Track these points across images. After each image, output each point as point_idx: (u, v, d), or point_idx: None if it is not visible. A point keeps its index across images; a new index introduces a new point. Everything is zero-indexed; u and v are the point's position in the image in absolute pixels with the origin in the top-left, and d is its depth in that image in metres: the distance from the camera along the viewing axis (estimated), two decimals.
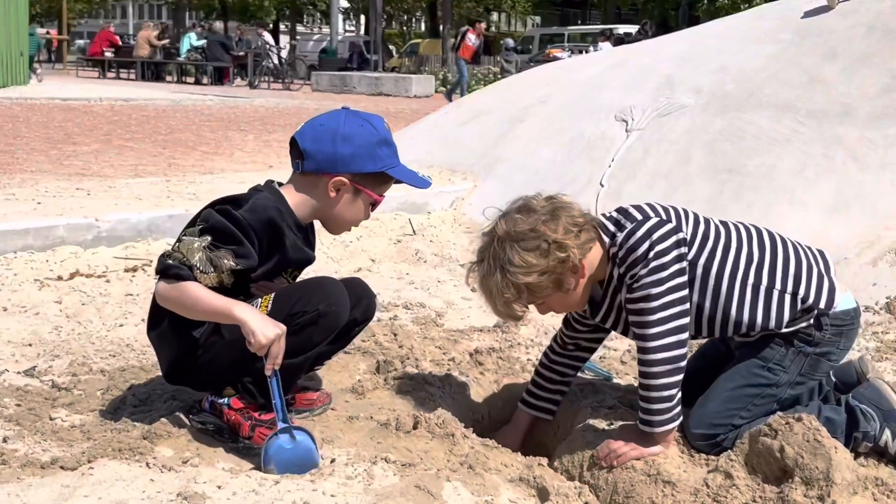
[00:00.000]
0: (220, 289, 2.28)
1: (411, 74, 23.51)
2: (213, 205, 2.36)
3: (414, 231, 5.40)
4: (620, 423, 2.55)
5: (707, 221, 2.48)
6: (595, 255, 2.41)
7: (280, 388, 2.28)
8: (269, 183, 2.49)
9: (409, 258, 4.95)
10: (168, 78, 24.79)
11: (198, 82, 23.90)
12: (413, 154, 7.06)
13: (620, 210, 2.46)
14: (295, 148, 2.43)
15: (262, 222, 2.32)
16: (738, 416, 2.42)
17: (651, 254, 2.31)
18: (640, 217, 2.38)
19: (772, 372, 2.43)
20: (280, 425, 2.27)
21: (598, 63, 7.57)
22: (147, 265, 4.36)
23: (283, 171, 7.01)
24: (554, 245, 2.31)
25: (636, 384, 2.94)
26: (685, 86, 6.19)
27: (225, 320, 2.26)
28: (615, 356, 3.37)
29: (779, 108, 5.48)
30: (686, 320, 2.33)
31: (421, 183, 2.50)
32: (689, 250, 2.38)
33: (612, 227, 2.42)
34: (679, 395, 2.35)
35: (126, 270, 4.31)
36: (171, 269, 2.25)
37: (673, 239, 2.33)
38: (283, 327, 2.24)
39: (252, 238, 2.30)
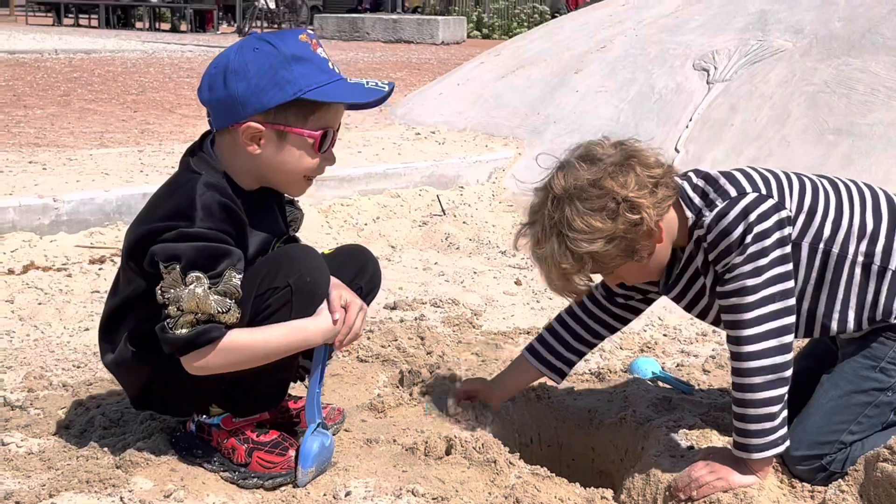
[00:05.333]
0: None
1: (438, 16, 23.48)
2: (151, 234, 2.23)
3: (443, 210, 5.40)
4: (705, 446, 2.54)
5: (815, 188, 2.45)
6: (673, 215, 2.39)
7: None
8: (200, 145, 2.38)
9: (437, 244, 4.96)
10: (138, 24, 24.94)
11: (174, 29, 24.03)
12: (440, 115, 7.07)
13: (707, 177, 2.42)
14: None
15: (224, 218, 2.25)
16: (847, 430, 2.41)
17: (748, 237, 2.30)
18: (733, 192, 2.35)
19: (885, 373, 2.42)
20: (316, 419, 2.39)
21: None
22: (116, 255, 4.40)
23: None
24: (624, 204, 2.28)
25: (724, 399, 2.94)
26: (782, 25, 6.12)
27: (302, 348, 2.34)
28: (696, 363, 3.36)
29: None
30: (791, 319, 2.32)
31: (362, 95, 2.29)
32: (794, 229, 2.37)
33: (697, 200, 2.39)
34: (784, 413, 2.34)
35: (91, 262, 4.36)
36: (197, 338, 2.17)
37: (775, 218, 2.32)
38: (356, 297, 2.38)
39: (230, 238, 2.26)
